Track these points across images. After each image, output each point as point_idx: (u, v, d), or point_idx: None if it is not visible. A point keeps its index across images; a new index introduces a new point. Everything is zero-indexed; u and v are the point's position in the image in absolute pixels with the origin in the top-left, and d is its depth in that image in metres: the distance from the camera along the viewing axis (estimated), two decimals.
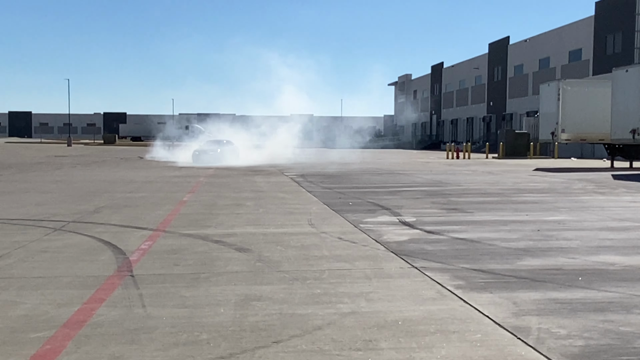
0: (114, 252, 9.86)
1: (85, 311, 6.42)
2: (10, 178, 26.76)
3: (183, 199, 18.42)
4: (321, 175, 29.51)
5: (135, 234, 11.75)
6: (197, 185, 23.49)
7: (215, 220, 13.72)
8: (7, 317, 6.23)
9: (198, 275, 8.13)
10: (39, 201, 17.37)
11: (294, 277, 7.97)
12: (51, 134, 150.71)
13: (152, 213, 14.92)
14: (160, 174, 30.31)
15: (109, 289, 7.41)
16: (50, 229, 12.29)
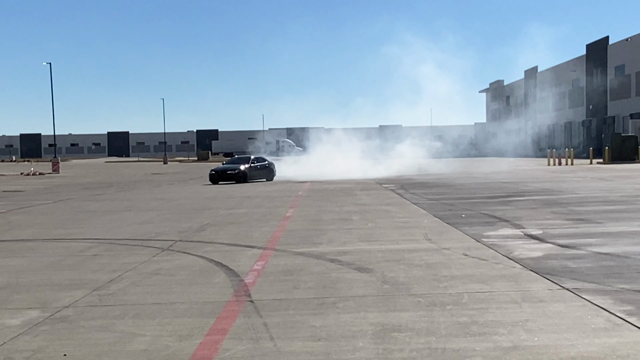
0: (227, 273, 9.28)
1: (209, 345, 5.78)
2: (113, 196, 27.04)
3: (286, 214, 17.87)
4: (421, 185, 28.49)
5: (245, 253, 11.19)
6: (297, 200, 22.96)
7: (325, 236, 13.02)
8: (126, 352, 5.66)
9: (323, 301, 7.40)
10: (143, 220, 17.19)
11: (431, 302, 7.11)
12: (147, 153, 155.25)
13: (257, 230, 14.38)
14: (257, 189, 30.03)
15: (229, 317, 6.77)
16: (158, 248, 11.89)
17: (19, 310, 7.32)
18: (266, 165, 38.63)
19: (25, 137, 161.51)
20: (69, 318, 6.93)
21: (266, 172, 38.24)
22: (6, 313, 7.23)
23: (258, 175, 37.45)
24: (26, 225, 16.43)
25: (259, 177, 37.58)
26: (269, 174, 38.44)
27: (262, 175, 37.87)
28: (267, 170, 38.45)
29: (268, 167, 38.63)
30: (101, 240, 13.21)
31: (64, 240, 13.30)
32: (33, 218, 18.27)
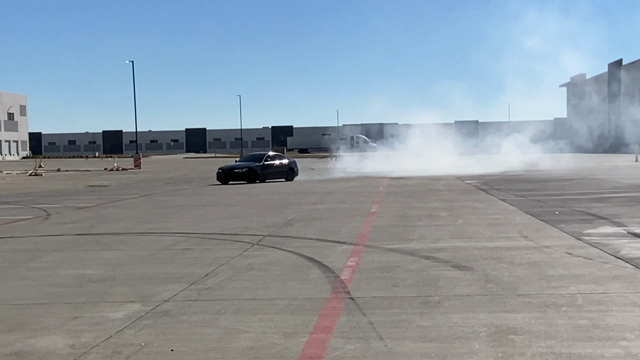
0: (321, 269, 9.11)
1: (317, 343, 5.60)
2: (196, 191, 27.39)
3: (371, 210, 17.62)
4: (505, 181, 27.75)
5: (336, 248, 11.00)
6: (379, 196, 22.68)
7: (415, 232, 12.71)
8: (233, 349, 5.54)
9: (426, 300, 7.12)
10: (229, 214, 17.26)
11: (543, 303, 6.75)
12: (224, 149, 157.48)
13: (344, 226, 14.18)
14: (338, 185, 29.89)
15: (332, 314, 6.58)
16: (248, 243, 11.85)
17: (120, 304, 7.33)
18: (285, 164, 35.56)
19: (107, 133, 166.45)
20: (171, 312, 6.88)
21: (285, 171, 35.06)
22: (108, 306, 7.25)
23: (273, 174, 34.37)
24: (116, 219, 16.73)
25: (275, 176, 34.46)
26: (288, 173, 35.20)
27: (279, 174, 34.74)
28: (286, 169, 35.25)
29: (287, 166, 35.50)
30: (190, 234, 13.28)
31: (154, 234, 13.44)
32: (122, 212, 18.62)
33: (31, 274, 9.30)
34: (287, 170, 35.21)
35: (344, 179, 35.74)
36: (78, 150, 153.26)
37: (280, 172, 34.75)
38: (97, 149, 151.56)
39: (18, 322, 6.65)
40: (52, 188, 31.34)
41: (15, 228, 15.09)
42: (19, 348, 5.72)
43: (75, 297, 7.71)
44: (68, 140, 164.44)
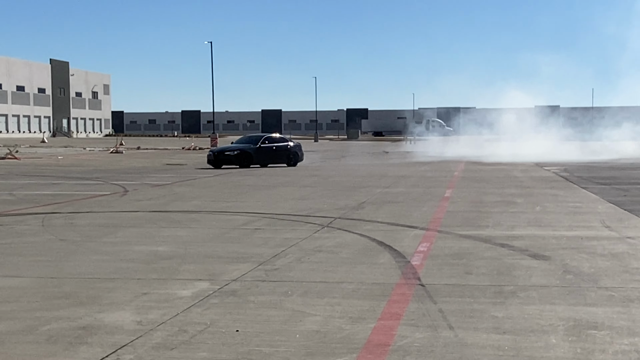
0: (392, 254, 8.91)
1: (384, 330, 5.43)
2: (270, 172, 27.52)
3: (444, 194, 17.26)
4: (587, 169, 26.80)
5: (407, 233, 10.78)
6: (453, 180, 22.24)
7: (490, 219, 12.35)
8: (298, 332, 5.42)
9: (500, 289, 6.84)
10: (300, 195, 17.22)
11: (626, 297, 6.38)
12: (298, 130, 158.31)
13: (417, 210, 13.92)
14: (411, 169, 29.52)
15: (401, 301, 6.39)
16: (318, 225, 11.75)
17: (189, 282, 7.33)
18: (286, 147, 32.26)
19: (186, 113, 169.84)
20: (238, 292, 6.83)
21: (285, 155, 31.86)
22: (177, 283, 7.26)
23: (271, 158, 31.22)
24: (190, 197, 16.93)
25: (274, 160, 31.31)
26: (290, 157, 31.93)
27: (279, 158, 31.54)
28: (287, 153, 32.01)
29: (288, 149, 32.20)
30: (262, 214, 13.28)
31: (226, 213, 13.51)
32: (196, 190, 18.85)
33: (105, 248, 9.45)
34: (289, 154, 32.06)
35: (418, 162, 35.29)
36: (158, 129, 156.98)
37: (281, 156, 31.73)
38: (176, 128, 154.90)
39: (89, 296, 6.73)
40: (131, 165, 32.11)
41: (94, 203, 15.45)
42: (87, 322, 5.77)
43: (146, 274, 7.77)
44: (148, 119, 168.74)
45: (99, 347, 5.07)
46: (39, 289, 7.03)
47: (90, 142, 74.61)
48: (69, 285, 7.19)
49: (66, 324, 5.72)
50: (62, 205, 14.87)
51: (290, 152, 32.26)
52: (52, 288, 7.08)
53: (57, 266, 8.24)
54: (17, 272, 7.88)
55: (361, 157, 43.06)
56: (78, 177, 24.07)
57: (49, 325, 5.69)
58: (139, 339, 5.29)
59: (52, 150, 51.45)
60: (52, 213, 13.46)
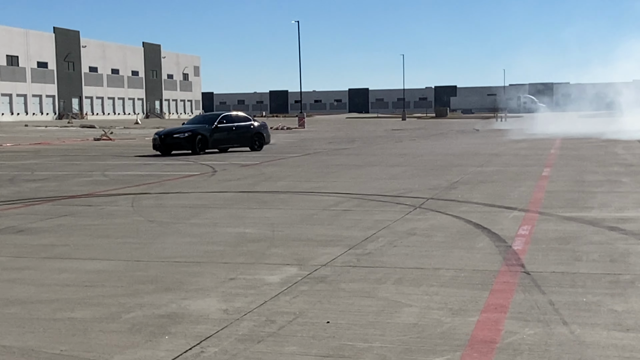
0: (490, 237, 8.34)
1: (489, 325, 4.92)
2: (358, 151, 27.10)
3: (542, 173, 16.39)
4: None
5: (505, 214, 10.14)
6: (550, 158, 21.20)
7: (595, 200, 11.53)
8: (395, 325, 4.99)
9: (616, 278, 6.20)
10: (390, 175, 16.72)
11: None
12: (385, 109, 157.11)
13: (514, 190, 13.19)
14: (504, 146, 28.45)
15: (505, 290, 5.85)
16: (410, 206, 11.25)
17: (277, 266, 7.02)
18: (248, 128, 27.46)
19: (274, 93, 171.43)
20: (328, 278, 6.46)
21: (247, 137, 27.29)
22: (265, 268, 6.96)
23: (231, 141, 26.89)
24: (278, 177, 16.72)
25: (234, 143, 27.01)
26: (254, 140, 27.38)
27: (241, 140, 27.14)
28: (250, 134, 27.37)
29: (251, 130, 27.46)
30: (350, 195, 12.88)
31: (314, 194, 13.18)
32: (284, 170, 18.64)
33: (193, 230, 9.28)
34: (251, 136, 27.37)
35: (511, 140, 34.04)
36: (246, 110, 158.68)
37: (242, 139, 27.15)
38: (264, 108, 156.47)
39: (175, 280, 6.51)
40: None
41: (184, 183, 15.45)
42: (173, 310, 5.52)
43: (233, 257, 7.51)
44: (237, 100, 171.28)
45: (182, 339, 4.80)
46: (124, 273, 6.87)
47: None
48: (155, 269, 7.00)
49: (150, 311, 5.49)
50: (152, 186, 14.93)
51: (254, 134, 27.50)
52: (138, 272, 6.91)
53: (144, 248, 8.10)
54: (104, 255, 7.77)
55: (451, 135, 42.02)
56: (168, 157, 24.32)
57: (133, 312, 5.47)
58: (224, 329, 4.99)
59: (144, 131, 52.66)
60: (142, 194, 13.49)
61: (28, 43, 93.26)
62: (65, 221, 10.26)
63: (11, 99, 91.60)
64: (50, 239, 8.84)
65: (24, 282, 6.60)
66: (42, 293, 6.15)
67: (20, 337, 4.92)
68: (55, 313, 5.50)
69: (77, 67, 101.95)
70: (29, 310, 5.61)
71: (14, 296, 6.06)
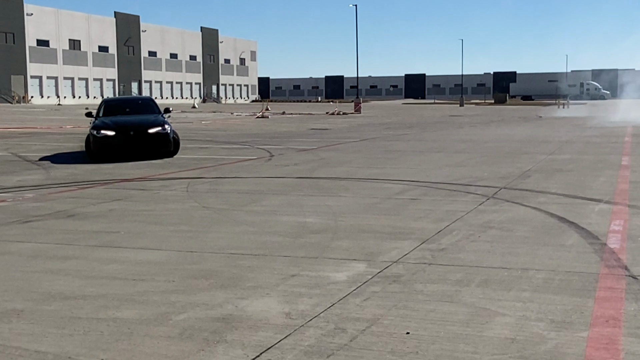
0: (580, 233, 7.47)
1: (603, 342, 4.12)
2: (417, 137, 26.17)
3: (621, 162, 15.27)
4: None
5: (591, 207, 9.22)
6: (626, 146, 19.94)
7: None
8: (487, 339, 4.23)
9: None
10: (455, 162, 15.82)
11: None
12: (442, 95, 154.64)
13: (594, 180, 12.20)
14: (573, 133, 27.12)
15: (612, 299, 5.03)
16: (481, 195, 10.40)
17: (343, 262, 6.31)
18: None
19: (329, 79, 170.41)
20: (402, 278, 5.72)
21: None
22: (329, 264, 6.26)
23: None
24: (336, 162, 16.00)
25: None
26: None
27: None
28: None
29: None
30: (416, 182, 12.08)
31: (377, 181, 12.42)
32: (342, 155, 17.91)
33: (250, 218, 8.65)
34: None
35: (578, 127, 32.58)
36: (302, 95, 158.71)
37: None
38: (320, 93, 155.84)
39: (231, 276, 5.87)
40: (277, 130, 31.79)
41: (240, 168, 14.88)
42: (228, 312, 4.88)
43: (294, 250, 6.84)
44: (293, 85, 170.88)
45: (239, 348, 4.14)
46: (177, 265, 6.27)
47: (237, 108, 76.06)
48: (210, 262, 6.38)
49: (203, 312, 4.86)
50: (208, 170, 14.39)
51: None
52: (191, 264, 6.29)
53: (198, 238, 7.50)
54: (156, 244, 7.20)
55: (514, 122, 40.58)
56: (225, 141, 23.87)
57: (184, 313, 4.85)
58: (287, 338, 4.31)
59: (201, 115, 52.57)
60: (198, 178, 12.95)
61: (90, 27, 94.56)
62: (117, 205, 9.76)
63: (73, 83, 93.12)
64: (100, 224, 8.33)
65: (68, 273, 6.06)
66: (87, 287, 5.58)
67: (58, 340, 4.34)
68: (99, 312, 4.92)
69: (136, 51, 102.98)
70: (71, 307, 5.04)
71: (57, 290, 5.51)
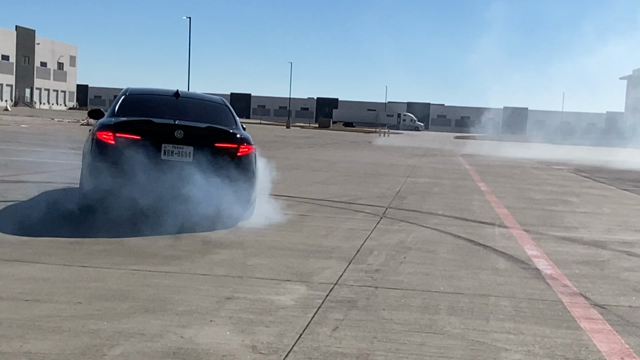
0: (504, 257, 7.13)
1: None
2: (264, 154, 25.47)
3: (481, 188, 15.55)
4: (592, 169, 25.44)
5: (489, 230, 9.03)
6: (473, 174, 20.56)
7: (567, 219, 10.67)
8: None
9: None
10: (321, 180, 15.32)
11: None
12: (267, 116, 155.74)
13: (470, 203, 12.17)
14: (412, 160, 27.82)
15: (602, 331, 4.60)
16: (372, 214, 9.90)
17: (277, 283, 5.43)
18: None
19: None
20: (358, 303, 4.96)
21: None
22: (263, 285, 5.35)
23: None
24: None
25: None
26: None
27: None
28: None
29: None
30: (295, 198, 11.37)
31: None
32: None
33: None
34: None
35: (412, 154, 33.60)
36: None
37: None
38: None
39: (151, 296, 4.80)
40: None
41: None
42: (176, 344, 3.86)
43: (210, 268, 5.84)
44: (113, 94, 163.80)
45: None
46: (74, 283, 5.05)
47: (54, 114, 71.23)
48: (113, 279, 5.22)
49: (144, 345, 3.80)
50: (47, 175, 12.75)
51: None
52: (92, 282, 5.11)
53: (82, 248, 6.25)
54: (32, 257, 5.87)
55: (348, 146, 41.20)
56: (55, 145, 21.74)
57: (119, 346, 3.75)
58: None
59: (17, 118, 48.45)
60: (40, 182, 11.35)
61: None
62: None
63: None
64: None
65: None
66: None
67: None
68: (0, 344, 3.68)
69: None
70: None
71: None
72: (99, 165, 7.87)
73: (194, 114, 8.91)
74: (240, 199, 8.07)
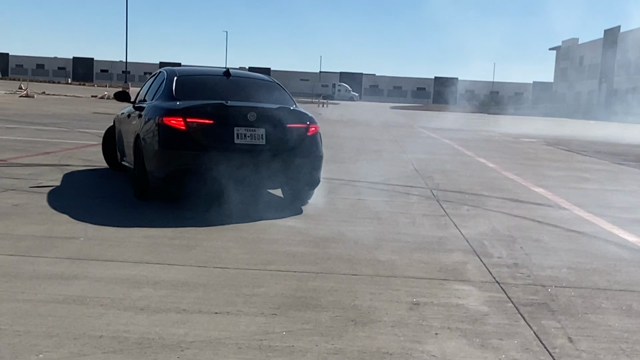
0: (608, 244, 6.93)
1: None
2: None
3: (488, 164, 15.45)
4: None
5: (558, 213, 8.83)
6: (458, 147, 20.48)
7: (609, 199, 10.61)
8: None
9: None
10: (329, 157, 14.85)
11: None
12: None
13: (498, 181, 11.99)
14: (387, 132, 27.61)
15: None
16: (424, 197, 9.59)
17: (442, 283, 5.03)
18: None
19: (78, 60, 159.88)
20: (549, 305, 4.61)
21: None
22: (431, 287, 4.94)
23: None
24: None
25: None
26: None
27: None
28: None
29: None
30: (338, 180, 10.93)
31: None
32: None
33: None
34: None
35: (377, 127, 33.38)
36: (47, 75, 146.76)
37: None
38: (67, 75, 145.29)
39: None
40: (60, 112, 28.23)
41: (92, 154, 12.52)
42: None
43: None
44: (37, 63, 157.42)
45: None
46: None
47: None
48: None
49: None
50: (58, 157, 11.87)
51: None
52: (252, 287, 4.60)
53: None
54: None
55: None
56: (26, 121, 20.47)
57: None
58: None
59: None
60: (62, 165, 10.54)
61: None
62: None
63: None
64: None
65: None
66: None
67: None
68: None
69: None
70: None
71: None
72: (169, 153, 7.35)
73: (252, 94, 8.61)
74: (310, 179, 8.07)
